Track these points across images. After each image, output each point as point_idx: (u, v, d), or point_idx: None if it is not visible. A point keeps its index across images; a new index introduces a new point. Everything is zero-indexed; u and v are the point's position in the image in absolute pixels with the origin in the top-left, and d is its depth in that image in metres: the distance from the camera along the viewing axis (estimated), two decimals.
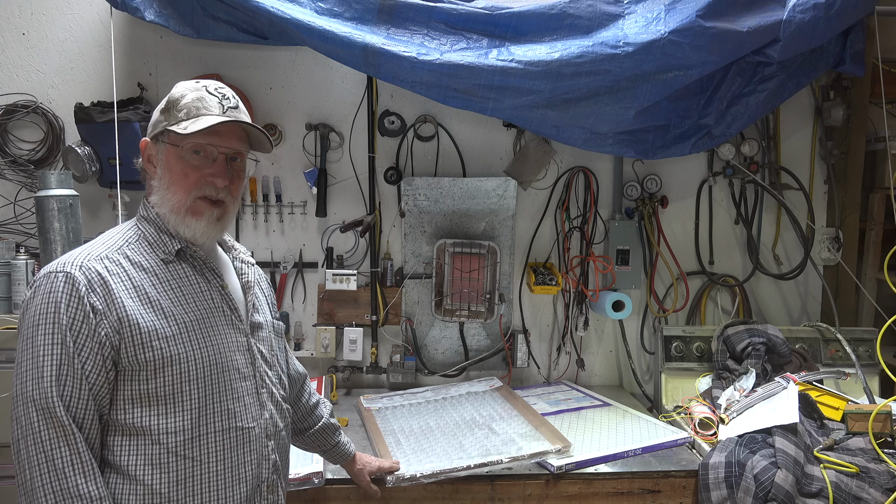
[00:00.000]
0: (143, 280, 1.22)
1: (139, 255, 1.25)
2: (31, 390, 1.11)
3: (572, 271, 2.64)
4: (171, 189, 1.28)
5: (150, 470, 1.18)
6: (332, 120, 2.56)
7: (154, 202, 1.31)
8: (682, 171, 2.66)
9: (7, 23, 2.43)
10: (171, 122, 1.27)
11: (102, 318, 1.15)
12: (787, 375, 2.16)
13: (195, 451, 1.21)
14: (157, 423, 1.18)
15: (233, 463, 1.26)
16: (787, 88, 2.30)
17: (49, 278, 1.16)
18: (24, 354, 1.13)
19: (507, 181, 2.58)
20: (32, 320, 1.14)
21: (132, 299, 1.19)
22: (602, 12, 2.08)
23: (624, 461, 1.96)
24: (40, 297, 1.15)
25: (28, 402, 1.11)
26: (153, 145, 1.31)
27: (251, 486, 1.29)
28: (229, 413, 1.26)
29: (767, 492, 1.73)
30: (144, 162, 1.33)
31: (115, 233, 1.29)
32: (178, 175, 1.27)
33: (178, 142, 1.27)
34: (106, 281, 1.18)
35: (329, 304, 2.58)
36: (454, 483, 1.86)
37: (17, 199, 2.44)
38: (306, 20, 2.04)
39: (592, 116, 2.15)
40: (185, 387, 1.21)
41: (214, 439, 1.24)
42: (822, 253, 2.68)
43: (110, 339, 1.16)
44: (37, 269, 2.13)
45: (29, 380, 1.11)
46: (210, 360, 1.25)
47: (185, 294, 1.27)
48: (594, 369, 2.74)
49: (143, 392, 1.18)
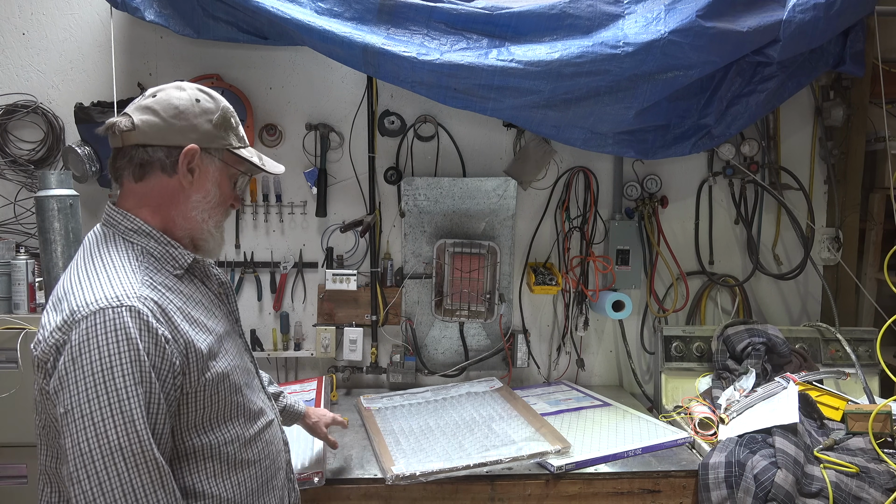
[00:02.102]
0: (176, 299, 1.17)
1: (156, 274, 1.18)
2: (115, 439, 1.01)
3: (572, 271, 2.64)
4: (216, 208, 1.26)
5: (214, 481, 1.17)
6: (332, 120, 2.56)
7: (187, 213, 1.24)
8: (682, 171, 2.66)
9: (7, 23, 2.43)
10: (235, 143, 1.26)
11: (174, 347, 1.10)
12: (787, 375, 2.16)
13: (249, 454, 1.24)
14: (217, 437, 1.18)
15: (273, 455, 1.32)
16: (787, 88, 2.30)
17: (107, 315, 1.05)
18: (97, 402, 1.01)
19: (507, 181, 2.58)
20: (100, 364, 1.02)
21: (185, 322, 1.15)
22: (602, 12, 2.08)
23: (624, 461, 1.96)
24: (104, 336, 1.03)
25: (114, 452, 1.01)
26: (206, 156, 1.23)
27: (285, 472, 1.38)
28: (261, 411, 1.31)
29: (767, 492, 1.73)
30: (181, 167, 1.21)
31: (115, 254, 1.17)
32: (226, 196, 1.28)
33: (235, 164, 1.27)
34: (164, 308, 1.12)
35: (329, 304, 2.58)
36: (454, 483, 1.86)
37: (17, 199, 2.45)
38: (306, 20, 2.04)
39: (592, 116, 2.15)
40: (235, 397, 1.22)
41: (259, 439, 1.28)
42: (822, 253, 2.68)
43: (182, 368, 1.12)
44: (37, 269, 2.13)
45: (111, 428, 1.01)
46: (239, 365, 1.27)
47: (207, 306, 1.25)
48: (594, 369, 2.74)
49: (206, 412, 1.17)
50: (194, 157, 1.21)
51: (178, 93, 1.22)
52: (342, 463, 1.92)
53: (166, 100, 1.21)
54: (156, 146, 1.19)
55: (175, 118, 1.20)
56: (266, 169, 1.31)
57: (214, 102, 1.25)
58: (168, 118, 1.19)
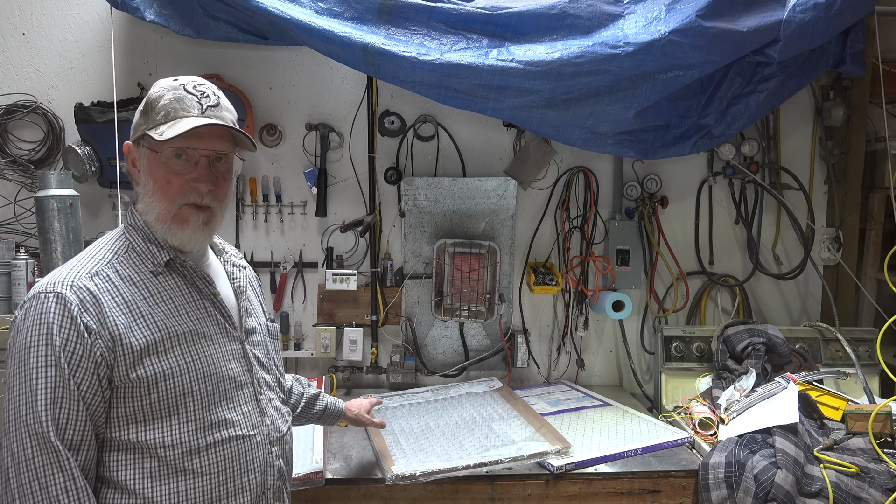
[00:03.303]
0: (135, 294, 1.20)
1: (129, 267, 1.22)
2: (24, 415, 1.08)
3: (572, 271, 2.64)
4: (154, 196, 1.24)
5: (150, 483, 1.16)
6: (332, 120, 2.56)
7: (140, 210, 1.27)
8: (682, 171, 2.66)
9: (7, 23, 2.43)
10: (150, 125, 1.22)
11: (97, 338, 1.13)
12: (787, 375, 2.16)
13: (194, 464, 1.20)
14: (155, 437, 1.17)
15: (234, 473, 1.24)
16: (787, 88, 2.30)
17: (39, 299, 1.13)
18: (17, 378, 1.10)
19: (507, 181, 2.58)
20: (24, 343, 1.11)
21: (124, 315, 1.17)
22: (602, 12, 2.08)
23: (624, 461, 1.96)
24: (31, 318, 1.12)
25: (21, 427, 1.08)
26: (135, 149, 1.26)
27: (255, 495, 1.28)
28: (227, 423, 1.25)
29: (767, 492, 1.73)
30: (129, 166, 1.28)
31: (105, 244, 1.26)
32: (160, 182, 1.23)
33: (157, 147, 1.22)
34: (98, 299, 1.15)
35: (329, 304, 2.58)
36: (454, 483, 1.86)
37: (17, 199, 2.44)
38: (306, 20, 2.04)
39: (592, 116, 2.15)
40: (181, 400, 1.19)
41: (214, 450, 1.22)
42: (822, 253, 2.68)
43: (105, 359, 1.13)
44: (37, 269, 2.13)
45: (22, 404, 1.08)
46: (205, 371, 1.23)
47: (178, 305, 1.24)
48: (594, 369, 2.74)
49: (138, 408, 1.16)
50: (129, 153, 1.26)
51: (152, 88, 1.25)
52: (342, 463, 1.92)
53: (146, 99, 1.25)
54: None
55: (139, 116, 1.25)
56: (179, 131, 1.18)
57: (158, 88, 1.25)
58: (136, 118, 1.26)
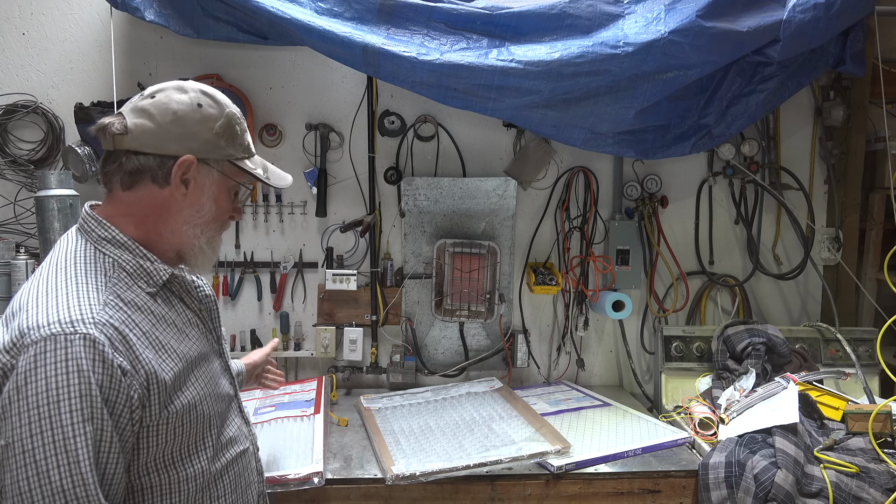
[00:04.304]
0: (144, 322, 1.07)
1: (127, 290, 1.08)
2: (58, 481, 0.92)
3: (572, 271, 2.64)
4: (210, 223, 1.16)
5: None
6: (332, 120, 2.56)
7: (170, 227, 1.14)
8: (682, 171, 2.66)
9: (7, 23, 2.43)
10: (237, 153, 1.15)
11: (133, 379, 1.00)
12: (787, 375, 2.16)
13: (214, 489, 1.15)
14: (178, 473, 1.09)
15: (242, 489, 1.23)
16: (787, 88, 2.30)
17: (58, 342, 0.95)
18: (40, 438, 0.92)
19: (507, 181, 2.58)
20: (44, 397, 0.93)
21: (148, 349, 1.05)
22: (602, 12, 2.08)
23: (624, 461, 1.96)
24: (52, 367, 0.94)
25: (56, 494, 0.92)
26: (201, 168, 1.12)
27: (255, 500, 1.29)
28: (231, 441, 1.21)
29: (767, 492, 1.73)
30: (175, 179, 1.11)
31: (82, 266, 1.07)
32: (222, 210, 1.17)
33: (235, 177, 1.16)
34: (124, 335, 1.01)
35: (329, 304, 2.58)
36: (454, 483, 1.86)
37: (17, 199, 2.44)
38: (306, 20, 2.04)
39: (592, 116, 2.15)
40: (202, 428, 1.12)
41: (227, 473, 1.18)
42: (822, 253, 2.68)
43: (141, 401, 1.01)
44: (37, 268, 2.13)
45: (54, 468, 0.92)
46: (214, 393, 1.16)
47: (180, 328, 1.14)
48: (594, 369, 2.74)
49: (162, 446, 1.07)
50: (190, 168, 1.11)
51: (179, 95, 1.11)
52: (342, 463, 1.92)
53: (164, 103, 1.10)
54: (148, 154, 1.09)
55: (172, 124, 1.09)
56: (271, 182, 1.21)
57: (218, 108, 1.14)
58: (164, 124, 1.09)
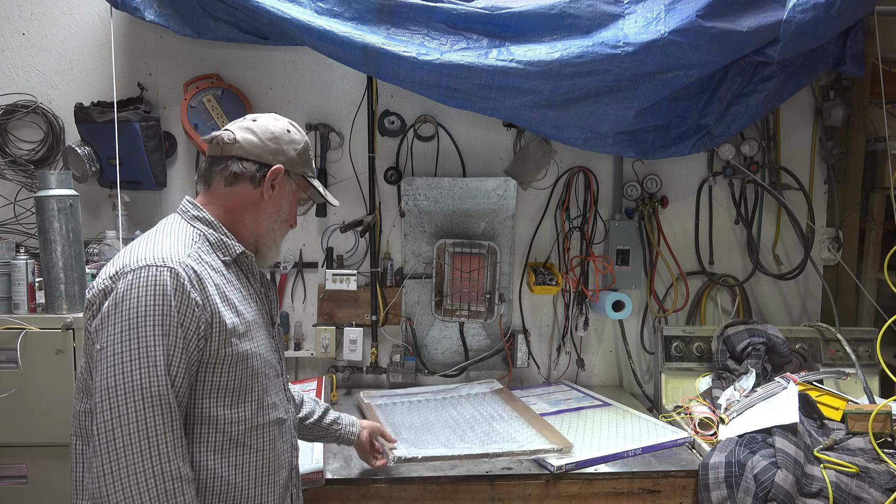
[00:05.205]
0: (217, 278, 1.31)
1: (207, 255, 1.33)
2: (138, 379, 1.15)
3: (572, 271, 2.64)
4: (283, 224, 1.46)
5: (213, 456, 1.26)
6: (332, 120, 2.56)
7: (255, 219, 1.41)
8: (682, 171, 2.66)
9: (7, 23, 2.43)
10: (309, 173, 1.47)
11: (202, 312, 1.23)
12: (787, 375, 2.16)
13: (252, 440, 1.31)
14: (225, 413, 1.27)
15: (277, 451, 1.37)
16: (787, 88, 2.30)
17: (150, 272, 1.20)
18: (128, 344, 1.16)
19: (507, 181, 2.58)
20: (133, 311, 1.17)
21: (217, 297, 1.27)
22: (602, 12, 2.08)
23: (624, 461, 1.96)
24: (142, 288, 1.18)
25: (136, 390, 1.14)
26: (285, 178, 1.42)
27: (288, 472, 1.42)
28: (274, 406, 1.37)
29: (767, 492, 1.73)
30: (266, 183, 1.39)
31: (176, 230, 1.33)
32: (292, 215, 1.49)
33: (306, 191, 1.48)
34: (202, 278, 1.26)
35: (329, 304, 2.58)
36: (454, 483, 1.86)
37: (17, 199, 2.44)
38: (306, 20, 2.04)
39: (592, 116, 2.15)
40: (251, 381, 1.31)
41: (266, 430, 1.34)
42: (822, 253, 2.68)
43: (205, 333, 1.23)
44: (37, 269, 2.13)
45: (136, 369, 1.15)
46: (264, 357, 1.35)
47: (244, 294, 1.37)
48: (594, 369, 2.74)
49: (216, 384, 1.26)
50: (278, 175, 1.40)
51: (274, 122, 1.43)
52: (342, 463, 1.92)
53: (265, 125, 1.41)
54: (251, 161, 1.38)
55: (271, 141, 1.40)
56: (328, 199, 1.51)
57: (300, 135, 1.47)
58: (265, 140, 1.39)
